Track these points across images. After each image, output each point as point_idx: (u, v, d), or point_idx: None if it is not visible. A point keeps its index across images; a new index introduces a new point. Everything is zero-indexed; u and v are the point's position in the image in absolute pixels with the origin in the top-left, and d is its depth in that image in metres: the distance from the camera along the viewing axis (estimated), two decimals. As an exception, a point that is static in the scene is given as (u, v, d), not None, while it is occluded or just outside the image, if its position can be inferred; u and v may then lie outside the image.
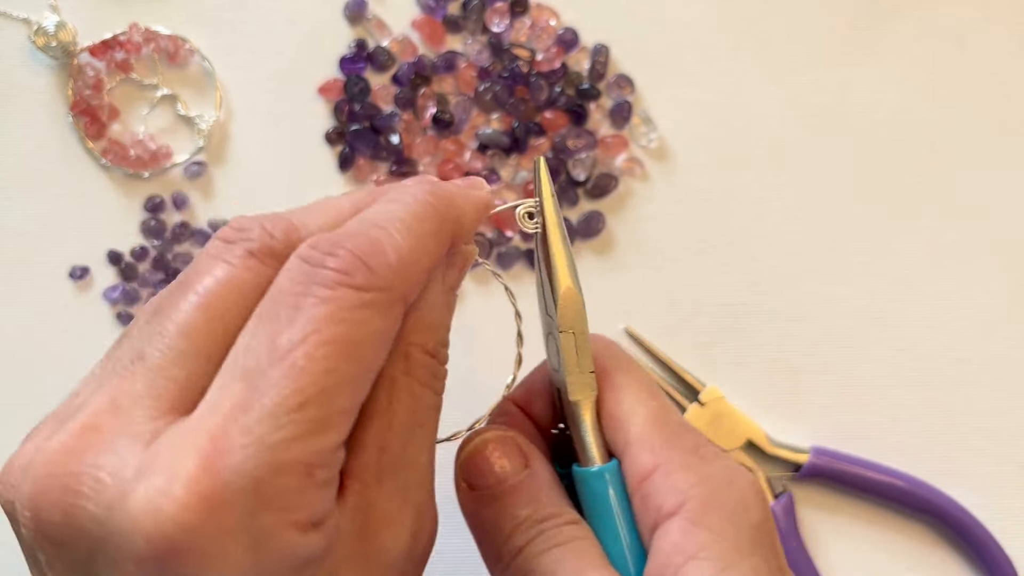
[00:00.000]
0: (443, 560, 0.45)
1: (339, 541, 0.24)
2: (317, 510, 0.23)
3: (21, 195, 0.48)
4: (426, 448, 0.28)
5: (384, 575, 0.26)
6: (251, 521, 0.22)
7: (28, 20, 0.48)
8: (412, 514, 0.27)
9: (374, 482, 0.26)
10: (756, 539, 0.28)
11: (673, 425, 0.30)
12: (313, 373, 0.23)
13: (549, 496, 0.30)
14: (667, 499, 0.28)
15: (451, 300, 0.29)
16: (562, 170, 0.48)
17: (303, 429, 0.22)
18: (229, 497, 0.22)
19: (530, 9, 0.49)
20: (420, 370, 0.27)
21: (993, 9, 0.50)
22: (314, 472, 0.23)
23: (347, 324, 0.23)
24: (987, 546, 0.45)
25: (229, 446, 0.22)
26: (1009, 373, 0.47)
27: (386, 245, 0.25)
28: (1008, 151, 0.49)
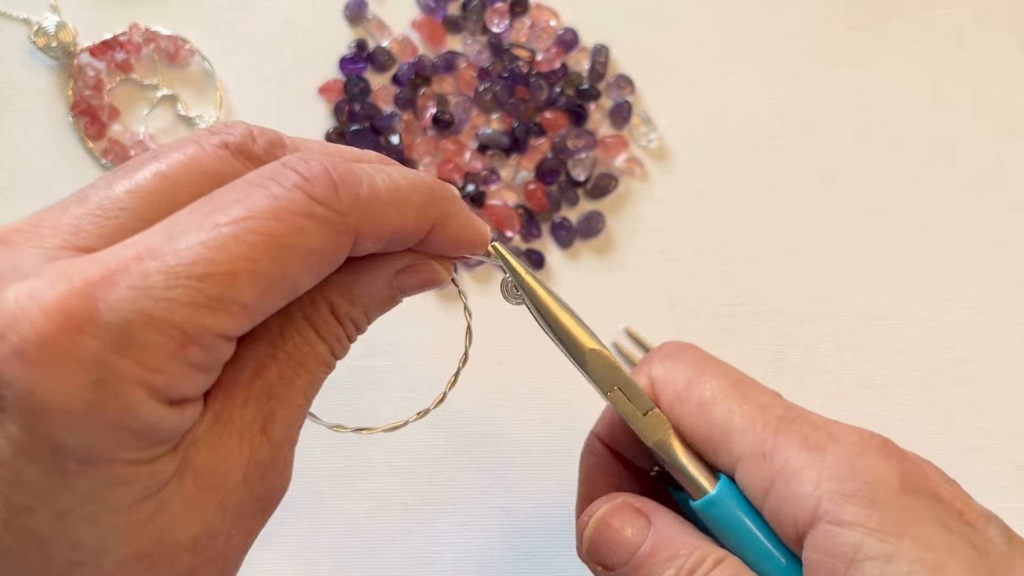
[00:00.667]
0: (443, 560, 0.45)
1: (190, 445, 0.24)
2: (178, 386, 0.22)
3: (21, 195, 0.48)
4: (302, 391, 0.26)
5: (219, 497, 0.24)
6: (105, 359, 0.21)
7: (28, 20, 0.48)
8: (265, 446, 0.25)
9: (239, 400, 0.25)
10: (908, 506, 0.26)
11: (773, 422, 0.28)
12: (229, 253, 0.22)
13: (685, 544, 0.28)
14: (799, 508, 0.26)
15: (390, 296, 0.28)
16: (562, 170, 0.49)
17: (193, 297, 0.22)
18: (93, 324, 0.21)
19: (530, 9, 0.49)
20: (320, 320, 0.26)
21: (993, 9, 0.50)
22: (188, 346, 0.22)
23: (286, 225, 0.23)
24: (987, 546, 0.45)
25: (117, 282, 0.21)
26: (1009, 373, 0.47)
27: (363, 180, 0.25)
28: (1008, 151, 0.49)
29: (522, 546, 0.45)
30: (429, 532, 0.45)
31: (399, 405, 0.46)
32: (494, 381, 0.46)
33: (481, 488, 0.45)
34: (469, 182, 0.48)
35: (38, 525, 0.22)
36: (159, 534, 0.23)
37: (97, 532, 0.22)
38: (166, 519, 0.23)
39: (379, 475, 0.45)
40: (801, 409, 0.29)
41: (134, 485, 0.23)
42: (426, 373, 0.46)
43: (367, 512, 0.45)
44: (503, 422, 0.46)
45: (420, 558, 0.45)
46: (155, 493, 0.23)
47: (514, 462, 0.45)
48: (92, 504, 0.22)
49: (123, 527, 0.23)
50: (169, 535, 0.23)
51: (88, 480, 0.22)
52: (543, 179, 0.48)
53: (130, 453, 0.22)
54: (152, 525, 0.23)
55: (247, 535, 0.26)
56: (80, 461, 0.22)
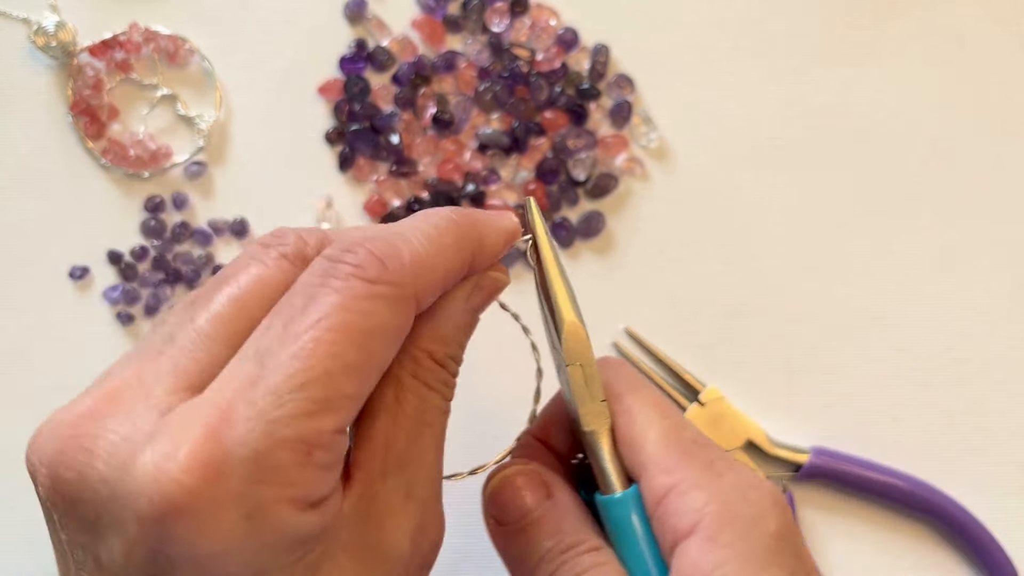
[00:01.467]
0: (444, 559, 0.45)
1: (340, 528, 0.25)
2: (314, 490, 0.24)
3: (21, 195, 0.48)
4: (432, 448, 0.28)
5: (383, 568, 0.26)
6: (248, 491, 0.23)
7: (28, 20, 0.48)
8: (416, 510, 0.27)
9: (379, 475, 0.26)
10: (774, 549, 0.28)
11: (686, 443, 0.30)
12: (318, 356, 0.24)
13: (572, 525, 0.30)
14: (682, 519, 0.28)
15: (471, 320, 0.30)
16: (562, 170, 0.48)
17: (304, 408, 0.23)
18: (229, 466, 0.23)
19: (530, 9, 0.49)
20: (426, 374, 0.28)
21: (993, 9, 0.50)
22: (313, 452, 0.23)
23: (355, 313, 0.25)
24: (987, 546, 0.45)
25: (234, 418, 0.23)
26: (1009, 373, 0.47)
27: (402, 248, 0.27)
28: (1008, 151, 0.49)
29: (522, 546, 0.45)
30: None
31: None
32: (494, 381, 0.46)
33: (480, 490, 0.45)
34: (469, 182, 0.48)
35: None
36: None
37: None
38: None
39: (379, 475, 0.45)
40: (712, 441, 0.31)
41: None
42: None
43: (367, 512, 0.45)
44: (503, 423, 0.46)
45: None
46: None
47: (514, 462, 0.45)
48: None
49: None
50: None
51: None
52: (543, 179, 0.48)
53: (289, 559, 0.24)
54: None
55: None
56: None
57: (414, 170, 0.48)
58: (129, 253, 0.48)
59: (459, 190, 0.48)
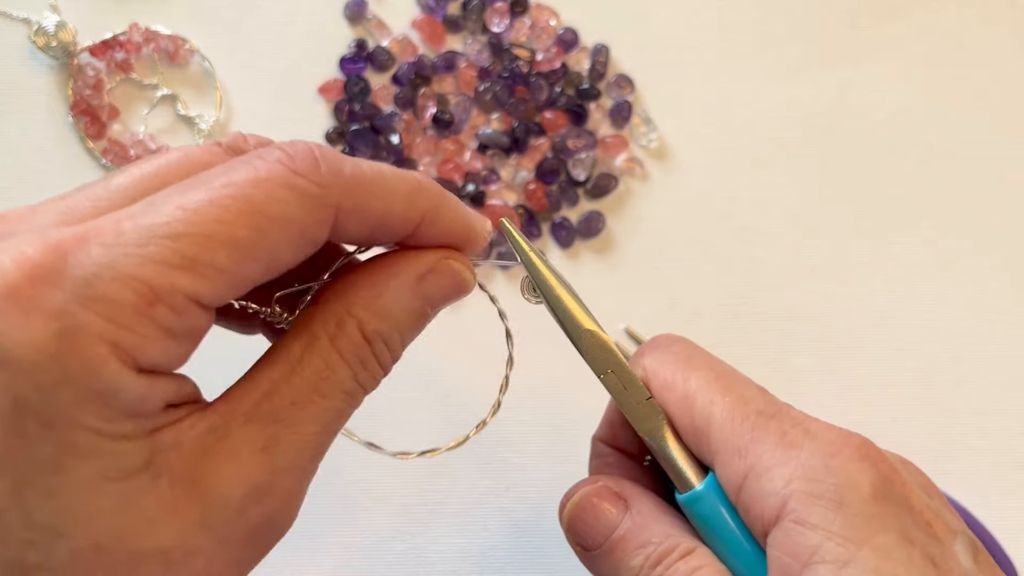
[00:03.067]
0: (443, 560, 0.45)
1: (174, 450, 0.23)
2: (145, 349, 0.22)
3: (22, 195, 0.48)
4: (317, 420, 0.25)
5: (202, 511, 0.23)
6: (69, 310, 0.21)
7: (28, 20, 0.48)
8: (262, 469, 0.24)
9: (241, 416, 0.24)
10: (873, 514, 0.25)
11: (752, 416, 0.28)
12: (204, 215, 0.22)
13: (658, 533, 0.29)
14: (767, 505, 0.26)
15: (419, 307, 0.27)
16: (562, 170, 0.49)
17: (165, 255, 0.22)
18: (61, 276, 0.21)
19: (530, 9, 0.49)
20: (346, 344, 0.26)
21: (993, 9, 0.50)
22: (156, 304, 0.22)
23: (264, 193, 0.23)
24: (987, 546, 0.45)
25: (90, 240, 0.22)
26: (1008, 373, 0.47)
27: (347, 162, 0.25)
28: (1008, 151, 0.49)
29: (522, 546, 0.45)
30: (429, 532, 0.45)
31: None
32: (494, 381, 0.46)
33: (481, 488, 0.45)
34: (469, 182, 0.48)
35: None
36: (123, 531, 0.22)
37: (54, 510, 0.22)
38: (132, 516, 0.22)
39: (379, 475, 0.45)
40: (783, 404, 0.29)
41: (96, 461, 0.22)
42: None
43: (367, 512, 0.45)
44: (503, 422, 0.46)
45: (420, 558, 0.45)
46: (120, 479, 0.22)
47: (514, 462, 0.45)
48: (52, 476, 0.21)
49: (82, 509, 0.22)
50: (134, 536, 0.22)
51: (49, 446, 0.21)
52: (543, 179, 0.48)
53: (93, 420, 0.21)
54: (115, 517, 0.22)
55: (235, 563, 0.25)
56: (42, 423, 0.21)
57: (414, 170, 0.49)
58: (129, 253, 0.48)
59: (459, 190, 0.48)
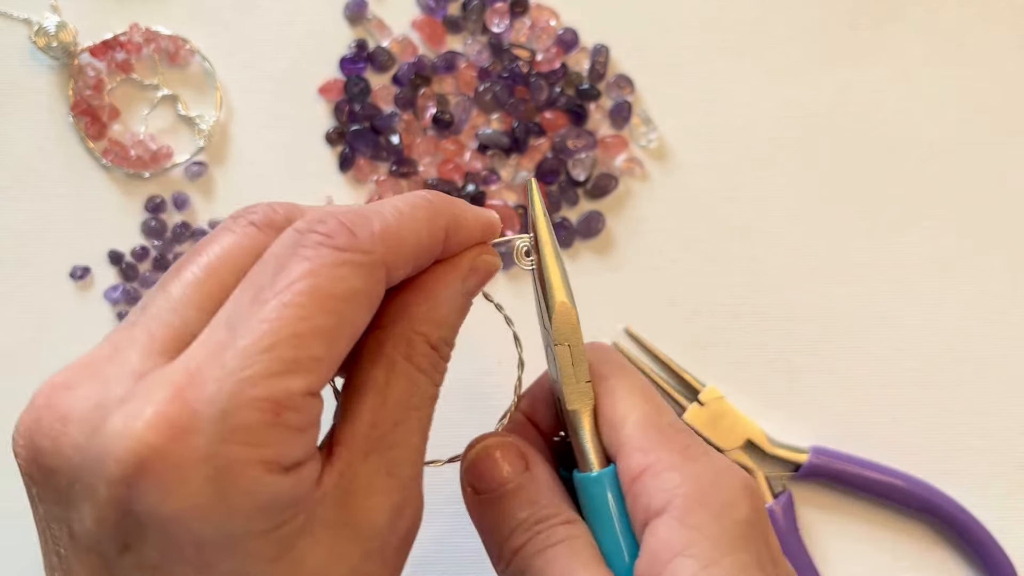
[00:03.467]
0: (444, 559, 0.45)
1: (320, 503, 0.25)
2: (286, 452, 0.24)
3: (22, 195, 0.48)
4: (417, 431, 0.28)
5: (361, 544, 0.26)
6: (216, 450, 0.23)
7: (29, 20, 0.48)
8: (396, 489, 0.27)
9: (360, 453, 0.27)
10: (743, 535, 0.28)
11: (664, 426, 0.31)
12: (286, 319, 0.24)
13: (547, 498, 0.31)
14: (655, 498, 0.29)
15: (465, 304, 0.31)
16: (562, 170, 0.49)
17: (272, 368, 0.23)
18: (196, 424, 0.23)
19: (530, 9, 0.49)
20: (420, 357, 0.28)
21: (993, 9, 0.50)
22: (282, 412, 0.24)
23: (324, 279, 0.25)
24: (987, 546, 0.45)
25: (203, 379, 0.23)
26: (1008, 373, 0.47)
27: (373, 218, 0.27)
28: (1008, 151, 0.49)
29: (522, 546, 0.45)
30: (429, 532, 0.45)
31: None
32: (494, 381, 0.46)
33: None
34: (469, 182, 0.48)
35: None
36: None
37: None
38: (306, 571, 0.25)
39: (379, 475, 0.45)
40: (690, 429, 0.32)
41: (268, 551, 0.24)
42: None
43: (367, 512, 0.45)
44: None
45: (420, 558, 0.45)
46: (287, 554, 0.25)
47: (514, 462, 0.45)
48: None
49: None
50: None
51: (231, 562, 0.24)
52: (543, 179, 0.48)
53: (261, 526, 0.24)
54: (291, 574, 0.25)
55: (396, 570, 0.28)
56: (220, 549, 0.24)
57: (414, 170, 0.49)
58: (130, 253, 0.48)
59: (459, 190, 0.48)
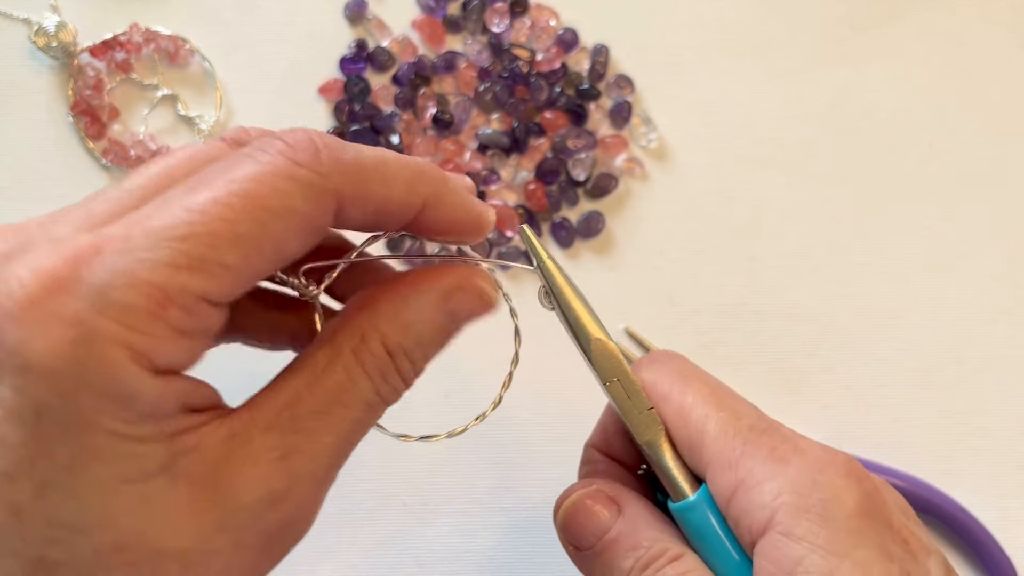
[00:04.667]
0: (443, 560, 0.45)
1: (195, 454, 0.24)
2: (160, 350, 0.22)
3: (22, 195, 0.48)
4: (335, 431, 0.26)
5: (218, 514, 0.24)
6: (86, 317, 0.22)
7: (28, 20, 0.48)
8: (282, 477, 0.25)
9: (263, 423, 0.25)
10: (856, 529, 0.27)
11: (744, 431, 0.29)
12: (208, 214, 0.23)
13: (649, 537, 0.30)
14: (755, 517, 0.27)
15: (444, 323, 0.28)
16: (562, 170, 0.49)
17: (173, 258, 0.22)
18: (75, 285, 0.22)
19: (530, 9, 0.49)
20: (369, 357, 0.26)
21: (993, 9, 0.50)
22: (168, 306, 0.22)
23: (266, 187, 0.23)
24: (987, 546, 0.45)
25: (102, 248, 0.22)
26: (1009, 373, 0.47)
27: (348, 149, 0.25)
28: (1008, 151, 0.49)
29: (522, 546, 0.45)
30: (429, 532, 0.45)
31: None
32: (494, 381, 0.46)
33: (481, 488, 0.45)
34: (469, 182, 0.48)
35: (18, 494, 0.22)
36: (142, 530, 0.23)
37: (76, 508, 0.22)
38: (151, 516, 0.23)
39: (379, 475, 0.45)
40: (774, 421, 0.30)
41: (115, 463, 0.23)
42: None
43: (367, 512, 0.45)
44: (503, 422, 0.46)
45: (420, 558, 0.45)
46: (139, 481, 0.23)
47: (514, 462, 0.45)
48: (72, 476, 0.22)
49: (102, 509, 0.23)
50: (154, 535, 0.23)
51: (69, 448, 0.22)
52: (543, 179, 0.48)
53: (111, 422, 0.22)
54: (134, 517, 0.23)
55: (251, 567, 0.25)
56: (62, 425, 0.22)
57: (414, 170, 0.49)
58: (130, 253, 0.48)
59: (459, 190, 0.48)
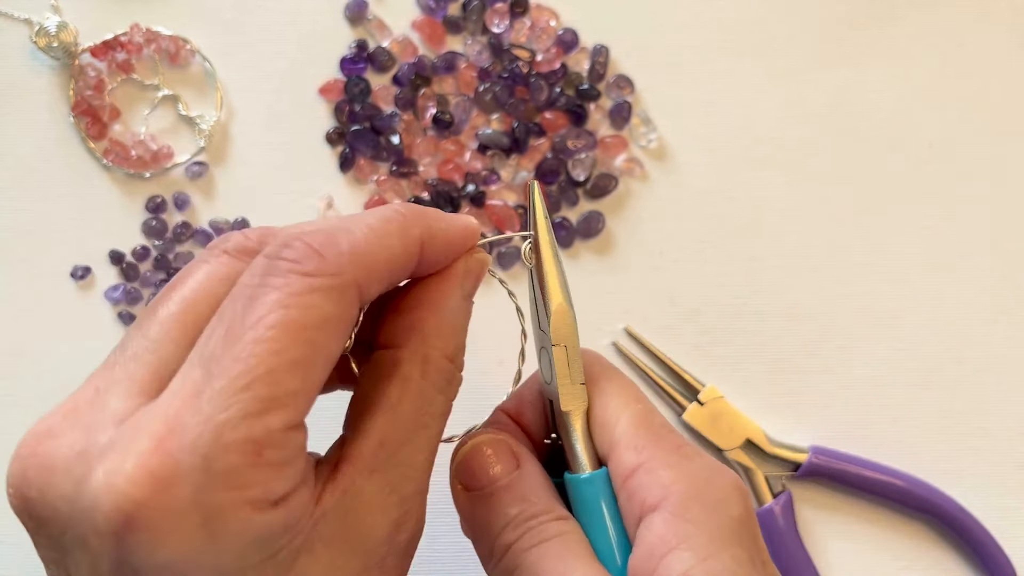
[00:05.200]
0: (441, 558, 0.45)
1: (321, 520, 0.26)
2: (272, 489, 0.24)
3: (23, 195, 0.48)
4: (425, 448, 0.29)
5: (360, 559, 0.27)
6: (202, 498, 0.23)
7: (30, 21, 0.48)
8: (396, 506, 0.27)
9: (366, 470, 0.27)
10: (736, 532, 0.29)
11: (656, 426, 0.31)
12: (259, 355, 0.24)
13: (538, 495, 0.31)
14: (650, 494, 0.29)
15: (467, 307, 0.31)
16: (562, 170, 0.49)
17: (249, 408, 0.23)
18: (179, 474, 0.23)
19: (530, 10, 0.49)
20: (436, 374, 0.29)
21: (993, 9, 0.50)
22: (263, 451, 0.24)
23: (295, 308, 0.25)
24: (986, 545, 0.45)
25: (181, 426, 0.23)
26: (1009, 373, 0.48)
27: (341, 238, 0.26)
28: (1008, 151, 0.49)
29: (522, 545, 0.45)
30: (429, 532, 0.45)
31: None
32: (494, 381, 0.46)
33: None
34: (469, 182, 0.48)
35: None
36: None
37: None
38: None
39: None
40: (679, 432, 0.32)
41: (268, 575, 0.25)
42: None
43: (367, 511, 0.45)
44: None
45: (420, 558, 0.45)
46: (287, 573, 0.25)
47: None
48: None
49: None
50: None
51: None
52: (543, 179, 0.49)
53: (256, 559, 0.24)
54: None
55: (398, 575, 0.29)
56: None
57: (414, 170, 0.49)
58: (131, 253, 0.48)
59: (459, 190, 0.48)
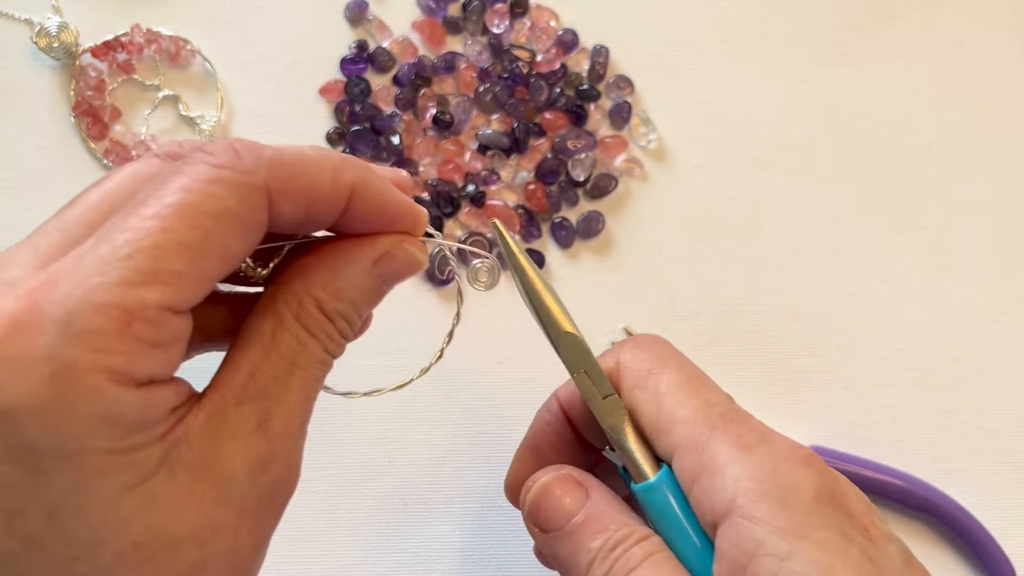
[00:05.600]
0: (443, 559, 0.45)
1: (183, 443, 0.25)
2: (137, 366, 0.23)
3: (23, 196, 0.48)
4: (298, 389, 0.27)
5: (217, 491, 0.25)
6: (58, 351, 0.22)
7: (30, 21, 0.48)
8: (263, 442, 0.26)
9: (233, 399, 0.26)
10: (814, 513, 0.28)
11: (714, 419, 0.30)
12: (148, 229, 0.24)
13: (614, 520, 0.31)
14: (717, 500, 0.28)
15: (374, 286, 0.30)
16: (562, 170, 0.49)
17: (126, 276, 0.23)
18: (39, 323, 0.22)
19: (530, 10, 0.50)
20: (309, 319, 0.28)
21: (993, 9, 0.50)
22: (133, 322, 0.23)
23: (196, 194, 0.25)
24: (985, 545, 0.45)
25: (57, 282, 0.23)
26: (1009, 373, 0.48)
27: (267, 148, 0.26)
28: (1008, 151, 0.49)
29: (521, 545, 0.45)
30: (429, 531, 0.45)
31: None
32: (494, 381, 0.46)
33: (481, 488, 0.45)
34: (469, 183, 0.48)
35: (32, 526, 0.23)
36: (155, 525, 0.24)
37: (89, 525, 0.23)
38: (160, 510, 0.24)
39: (379, 474, 0.45)
40: (744, 412, 0.31)
41: (116, 475, 0.24)
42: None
43: (367, 511, 0.45)
44: (503, 421, 0.46)
45: (420, 557, 0.45)
46: (141, 483, 0.24)
47: (514, 461, 0.46)
48: (78, 498, 0.23)
49: (114, 518, 0.24)
50: (166, 526, 0.24)
51: (69, 475, 0.23)
52: (543, 179, 0.49)
53: (104, 442, 0.23)
54: (144, 515, 0.24)
55: (255, 529, 0.27)
56: (57, 457, 0.23)
57: (414, 171, 0.49)
58: (131, 253, 0.48)
59: (459, 190, 0.48)
